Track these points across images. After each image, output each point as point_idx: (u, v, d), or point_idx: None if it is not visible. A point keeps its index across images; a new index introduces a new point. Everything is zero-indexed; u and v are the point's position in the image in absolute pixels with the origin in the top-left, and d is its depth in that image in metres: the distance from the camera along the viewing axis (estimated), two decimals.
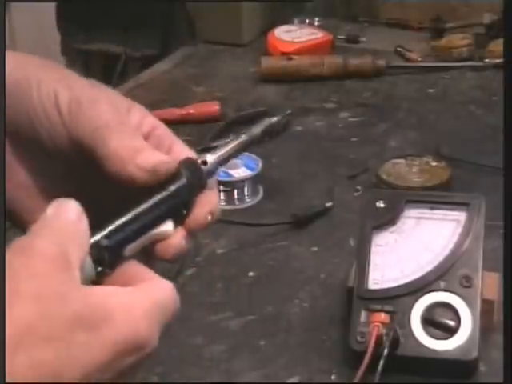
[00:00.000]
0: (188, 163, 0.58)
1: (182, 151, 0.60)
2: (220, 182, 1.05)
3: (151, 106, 1.35)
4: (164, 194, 0.56)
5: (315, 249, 0.96)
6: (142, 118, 0.59)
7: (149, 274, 0.55)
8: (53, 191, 0.59)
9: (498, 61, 1.40)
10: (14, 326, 0.46)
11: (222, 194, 1.06)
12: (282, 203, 1.06)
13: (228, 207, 1.05)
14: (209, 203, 0.58)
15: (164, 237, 0.57)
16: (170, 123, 0.64)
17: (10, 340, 0.46)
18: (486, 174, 1.08)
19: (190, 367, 0.79)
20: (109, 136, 0.55)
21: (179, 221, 0.57)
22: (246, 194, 1.06)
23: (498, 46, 1.42)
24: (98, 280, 0.52)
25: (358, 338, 0.76)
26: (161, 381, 0.78)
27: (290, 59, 1.43)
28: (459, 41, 1.49)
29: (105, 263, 0.53)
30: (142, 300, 0.51)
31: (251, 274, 0.93)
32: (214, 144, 1.17)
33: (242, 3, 1.59)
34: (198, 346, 0.82)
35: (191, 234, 0.57)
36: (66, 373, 0.47)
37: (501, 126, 1.00)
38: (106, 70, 2.10)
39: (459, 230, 0.80)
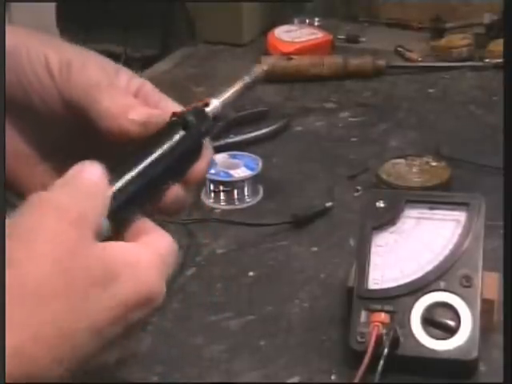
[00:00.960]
0: (193, 110, 0.60)
1: (169, 106, 0.61)
2: (220, 182, 1.06)
3: None
4: (167, 144, 0.56)
5: (315, 249, 0.96)
6: (129, 78, 0.61)
7: (150, 226, 0.56)
8: (50, 157, 0.59)
9: (498, 61, 1.40)
10: (31, 283, 0.47)
11: (222, 193, 1.06)
12: (282, 203, 1.06)
13: (228, 207, 1.05)
14: (208, 152, 0.61)
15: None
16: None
17: (29, 296, 0.47)
18: (486, 174, 1.08)
19: (190, 367, 0.79)
20: (100, 95, 0.57)
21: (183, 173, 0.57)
22: (245, 193, 1.06)
23: (498, 45, 1.42)
24: (110, 236, 0.53)
25: (358, 338, 0.76)
26: (161, 381, 0.78)
27: (290, 59, 1.43)
28: (459, 41, 1.49)
29: (120, 222, 0.53)
30: (147, 255, 0.53)
31: (251, 273, 0.93)
32: (214, 144, 1.17)
33: (242, 3, 1.59)
34: (197, 345, 0.82)
35: (191, 185, 0.59)
36: (82, 328, 0.49)
37: (501, 126, 1.00)
38: None
39: (459, 230, 0.80)
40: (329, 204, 1.03)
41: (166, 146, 0.57)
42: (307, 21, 1.64)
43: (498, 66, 1.39)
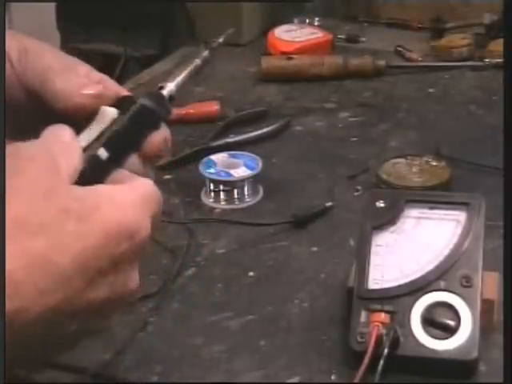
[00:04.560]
0: (148, 92, 0.62)
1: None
2: (220, 182, 1.06)
3: None
4: (132, 111, 0.60)
5: (315, 249, 0.96)
6: (88, 71, 0.62)
7: (128, 174, 0.57)
8: (13, 141, 0.60)
9: (498, 61, 1.40)
10: (11, 220, 0.48)
11: (222, 193, 1.06)
12: (282, 203, 1.06)
13: (228, 207, 1.05)
14: (163, 129, 0.61)
15: None
16: (170, 123, 0.65)
17: (11, 230, 0.48)
18: (486, 174, 1.08)
19: (190, 367, 0.79)
20: (55, 77, 0.59)
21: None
22: (245, 193, 1.06)
23: (498, 45, 1.42)
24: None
25: (358, 338, 0.76)
26: (161, 381, 0.78)
27: (290, 59, 1.43)
28: (459, 41, 1.49)
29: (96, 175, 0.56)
30: (126, 192, 0.54)
31: (251, 273, 0.92)
32: (214, 144, 1.17)
33: (242, 3, 1.59)
34: (197, 345, 0.82)
35: (148, 158, 0.60)
36: (59, 259, 0.49)
37: (501, 126, 1.00)
38: (106, 70, 2.10)
39: (459, 229, 0.80)
40: (329, 204, 1.03)
41: (123, 117, 0.60)
42: (307, 21, 1.64)
43: (498, 65, 1.39)
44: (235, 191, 1.06)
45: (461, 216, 0.80)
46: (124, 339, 0.81)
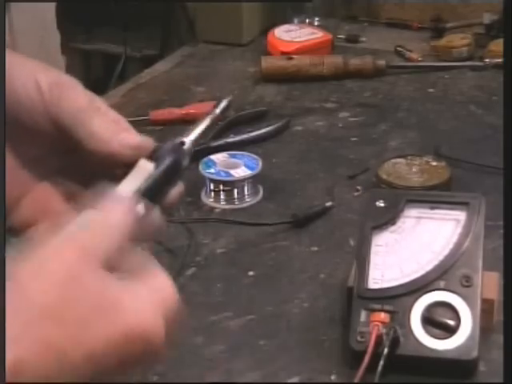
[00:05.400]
0: (172, 143, 0.62)
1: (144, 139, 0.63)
2: (220, 182, 1.06)
3: (151, 106, 1.36)
4: (165, 166, 0.60)
5: (315, 249, 0.96)
6: (118, 116, 0.62)
7: (155, 267, 0.57)
8: (33, 172, 0.61)
9: (498, 61, 1.40)
10: (31, 303, 0.48)
11: (222, 193, 1.06)
12: (282, 203, 1.06)
13: (228, 207, 1.05)
14: (181, 184, 0.62)
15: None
16: (170, 123, 0.65)
17: (26, 315, 0.48)
18: (486, 174, 1.08)
19: (190, 367, 0.79)
20: (91, 117, 0.59)
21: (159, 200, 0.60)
22: (245, 193, 1.06)
23: (497, 45, 1.42)
24: None
25: (358, 338, 0.76)
26: (161, 381, 0.78)
27: (290, 59, 1.43)
28: (459, 41, 1.49)
29: None
30: (149, 295, 0.54)
31: (251, 273, 0.93)
32: (214, 144, 1.17)
33: (241, 3, 1.59)
34: (197, 345, 0.82)
35: (165, 211, 0.61)
36: (71, 351, 0.49)
37: (501, 126, 1.00)
38: (106, 70, 2.10)
39: (459, 229, 0.80)
40: (329, 204, 1.03)
41: (160, 169, 0.60)
42: (307, 21, 1.64)
43: (498, 65, 1.39)
44: (235, 191, 1.06)
45: (461, 216, 0.80)
46: None
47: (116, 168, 0.60)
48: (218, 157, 1.09)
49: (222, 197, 1.06)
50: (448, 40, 1.50)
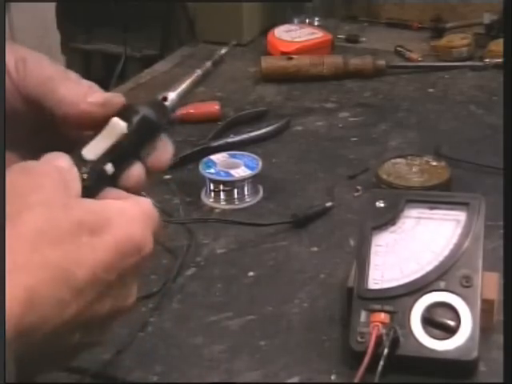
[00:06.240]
0: (149, 100, 0.62)
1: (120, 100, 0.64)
2: (220, 182, 1.06)
3: None
4: (137, 124, 0.60)
5: (315, 249, 0.96)
6: (78, 77, 0.62)
7: (127, 194, 0.59)
8: (15, 151, 0.61)
9: (498, 61, 1.40)
10: (26, 231, 0.50)
11: (222, 193, 1.06)
12: (282, 203, 1.06)
13: (228, 207, 1.05)
14: (169, 145, 0.62)
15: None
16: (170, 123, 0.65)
17: (24, 244, 0.49)
18: (486, 174, 1.08)
19: (190, 367, 0.79)
20: (56, 85, 0.60)
21: (143, 158, 0.61)
22: (245, 193, 1.06)
23: (497, 45, 1.42)
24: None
25: (358, 338, 0.76)
26: (161, 381, 0.78)
27: (290, 59, 1.43)
28: (459, 41, 1.49)
29: (92, 184, 0.57)
30: (132, 208, 0.56)
31: (251, 273, 0.92)
32: (214, 144, 1.17)
33: (241, 3, 1.59)
34: (197, 345, 0.82)
35: (152, 170, 0.61)
36: (77, 271, 0.51)
37: (501, 126, 1.00)
38: (106, 70, 2.10)
39: (459, 230, 0.80)
40: (329, 204, 1.03)
41: (131, 128, 0.60)
42: (307, 21, 1.64)
43: (498, 65, 1.39)
44: (235, 191, 1.06)
45: (461, 216, 0.80)
46: (124, 339, 0.81)
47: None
48: (217, 157, 1.09)
49: (222, 197, 1.06)
50: (448, 40, 1.51)
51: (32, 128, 0.62)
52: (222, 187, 1.06)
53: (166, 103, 0.63)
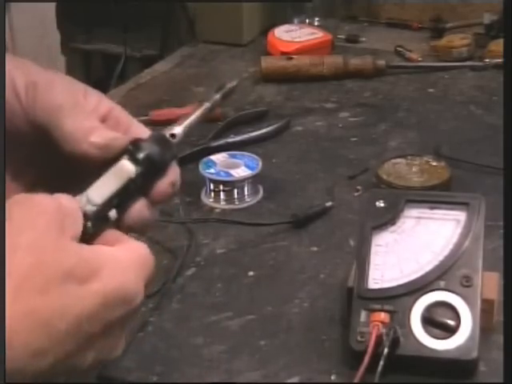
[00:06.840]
0: (157, 137, 0.61)
1: (139, 130, 0.62)
2: (220, 182, 1.06)
3: (151, 106, 1.36)
4: (144, 168, 0.58)
5: (315, 249, 0.96)
6: (98, 101, 0.61)
7: (124, 236, 0.57)
8: (20, 175, 0.60)
9: (498, 61, 1.40)
10: (13, 276, 0.49)
11: (222, 193, 1.06)
12: (282, 203, 1.06)
13: (228, 207, 1.05)
14: (172, 173, 0.61)
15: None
16: (170, 123, 0.64)
17: (9, 289, 0.48)
18: (486, 174, 1.08)
19: (190, 367, 0.79)
20: (63, 117, 0.58)
21: (146, 193, 0.59)
22: (245, 193, 1.06)
23: (497, 45, 1.42)
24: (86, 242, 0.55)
25: (358, 338, 0.76)
26: (161, 381, 0.78)
27: (290, 59, 1.43)
28: (459, 41, 1.49)
29: (93, 230, 0.56)
30: (126, 256, 0.55)
31: (251, 273, 0.92)
32: (214, 144, 1.17)
33: (242, 3, 1.59)
34: (198, 345, 0.82)
35: (156, 204, 0.60)
36: (59, 321, 0.50)
37: (501, 126, 1.00)
38: (106, 70, 2.10)
39: (459, 229, 0.80)
40: (329, 204, 1.03)
41: (138, 171, 0.58)
42: (307, 21, 1.64)
43: (498, 65, 1.39)
44: (235, 191, 1.06)
45: (461, 216, 0.80)
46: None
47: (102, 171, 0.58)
48: (217, 157, 1.09)
49: (221, 197, 1.06)
50: (448, 40, 1.50)
51: (41, 152, 0.61)
52: (221, 187, 1.06)
53: (174, 140, 0.61)
